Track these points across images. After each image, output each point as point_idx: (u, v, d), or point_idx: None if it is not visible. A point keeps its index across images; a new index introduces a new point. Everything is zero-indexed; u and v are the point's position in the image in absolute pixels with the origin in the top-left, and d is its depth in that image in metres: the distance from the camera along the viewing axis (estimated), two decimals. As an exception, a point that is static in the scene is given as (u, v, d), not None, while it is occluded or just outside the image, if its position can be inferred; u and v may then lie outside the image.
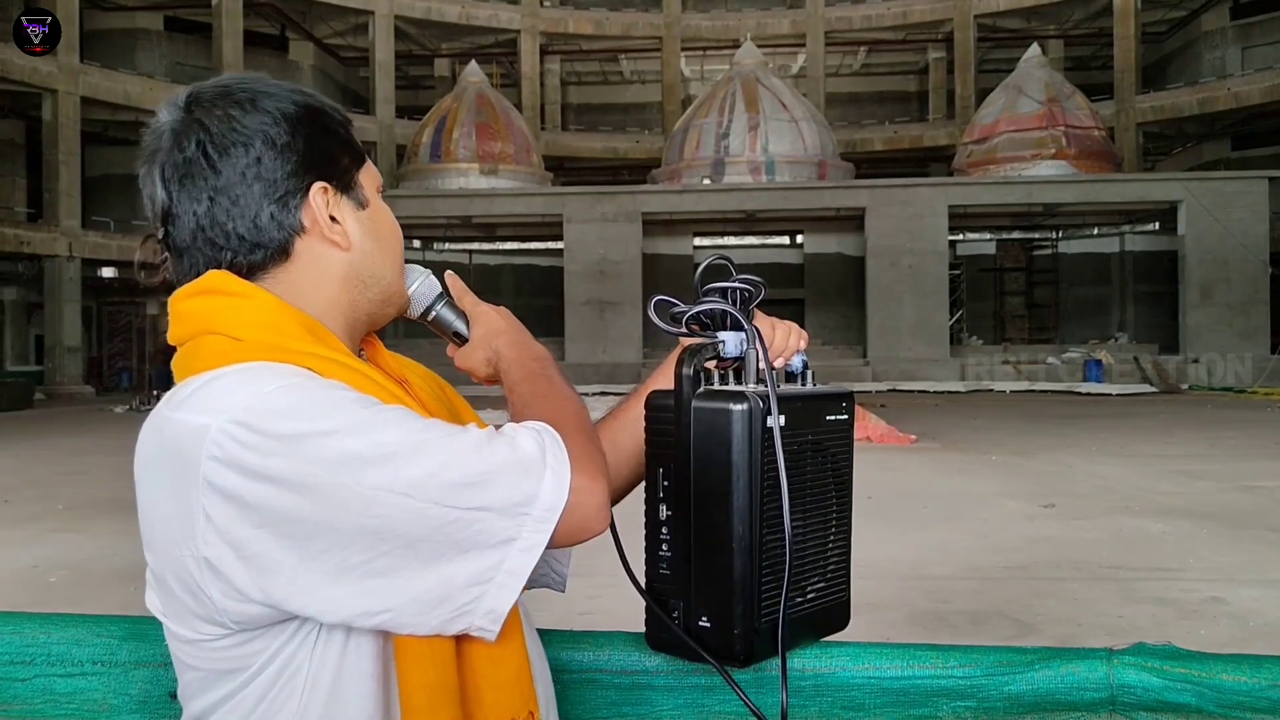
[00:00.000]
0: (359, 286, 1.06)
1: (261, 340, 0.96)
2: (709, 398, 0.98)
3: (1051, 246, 33.47)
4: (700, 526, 0.98)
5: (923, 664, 1.07)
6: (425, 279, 1.16)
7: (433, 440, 0.88)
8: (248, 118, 1.01)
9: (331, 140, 1.05)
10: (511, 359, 1.12)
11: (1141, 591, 5.85)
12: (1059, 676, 1.04)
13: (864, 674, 1.08)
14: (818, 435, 1.03)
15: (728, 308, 1.03)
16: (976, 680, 1.05)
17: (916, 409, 19.85)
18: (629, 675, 1.11)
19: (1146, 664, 1.02)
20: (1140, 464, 11.31)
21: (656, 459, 1.03)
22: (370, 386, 0.96)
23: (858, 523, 5.13)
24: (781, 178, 30.15)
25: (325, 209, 1.03)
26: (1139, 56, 33.97)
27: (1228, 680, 0.98)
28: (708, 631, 0.98)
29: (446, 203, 30.09)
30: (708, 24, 38.41)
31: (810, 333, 7.34)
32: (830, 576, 1.07)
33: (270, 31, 36.10)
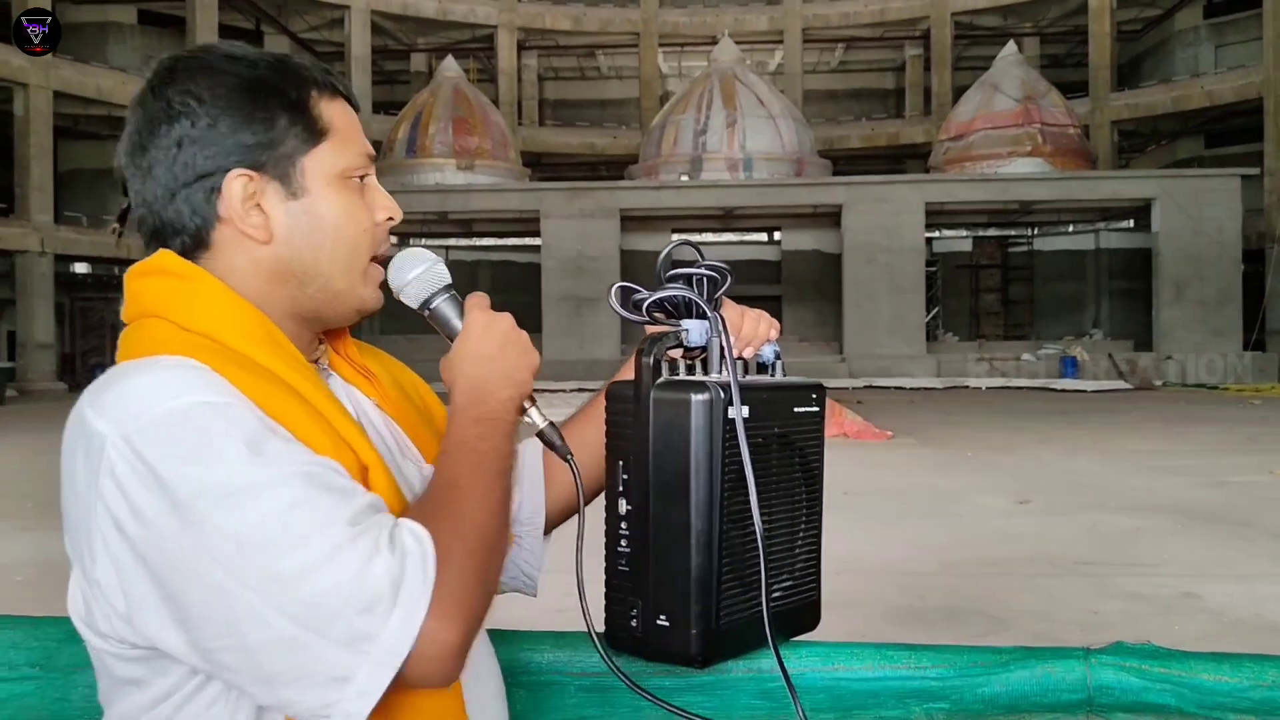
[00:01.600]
0: (293, 283, 0.99)
1: (202, 334, 0.92)
2: (668, 388, 0.94)
3: (1027, 243, 33.65)
4: (658, 522, 0.94)
5: (895, 664, 1.04)
6: (427, 269, 1.05)
7: (297, 534, 0.79)
8: (178, 96, 0.96)
9: (267, 123, 0.96)
10: (459, 406, 0.98)
11: (1116, 587, 5.86)
12: (1035, 677, 1.00)
13: (834, 674, 1.05)
14: (785, 428, 0.99)
15: (690, 294, 0.99)
16: (950, 681, 1.01)
17: (893, 405, 19.89)
18: (591, 676, 1.07)
19: (1125, 663, 0.99)
20: (1114, 460, 11.37)
21: (616, 451, 0.99)
22: (296, 410, 0.89)
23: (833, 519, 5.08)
24: (759, 174, 30.17)
25: (242, 199, 0.96)
26: (1114, 55, 34.19)
27: (1208, 680, 0.95)
28: (665, 631, 0.94)
29: (422, 198, 29.93)
30: (685, 20, 38.38)
31: (787, 329, 7.36)
32: (799, 575, 1.03)
33: (245, 25, 35.77)
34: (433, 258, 1.06)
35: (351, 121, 1.03)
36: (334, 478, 0.85)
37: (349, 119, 1.03)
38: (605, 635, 1.00)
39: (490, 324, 1.02)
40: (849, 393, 23.37)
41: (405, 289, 1.04)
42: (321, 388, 0.95)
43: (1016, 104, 29.87)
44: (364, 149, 1.03)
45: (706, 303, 0.99)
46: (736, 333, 1.05)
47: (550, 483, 1.18)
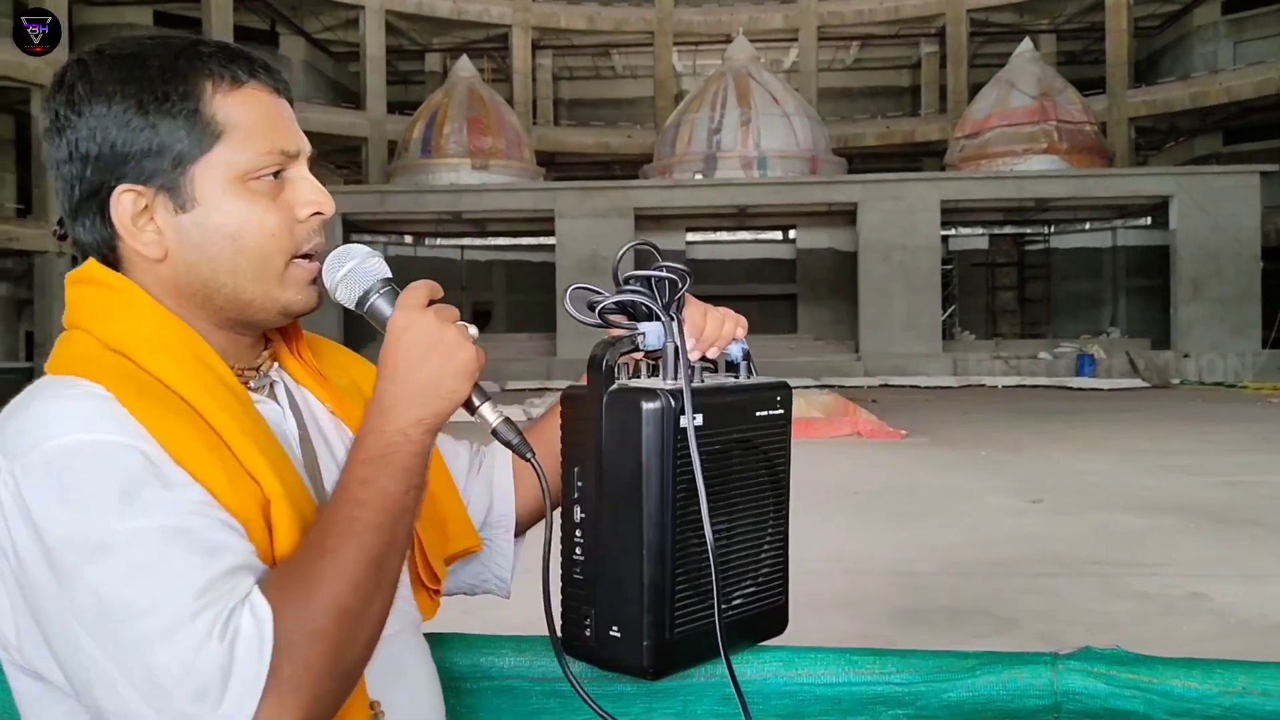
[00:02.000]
0: (199, 298, 0.95)
1: (120, 353, 0.90)
2: (620, 395, 0.92)
3: (1044, 241, 33.46)
4: (611, 531, 0.93)
5: (859, 669, 1.03)
6: (357, 265, 0.97)
7: (147, 601, 0.77)
8: (63, 108, 0.93)
9: (151, 132, 0.91)
10: (364, 431, 0.91)
11: (1123, 587, 5.82)
12: (1001, 683, 0.99)
13: (798, 680, 1.04)
14: (747, 432, 0.98)
15: (644, 297, 0.97)
16: (915, 687, 1.00)
17: (908, 404, 19.81)
18: (549, 682, 1.07)
19: (1093, 669, 0.98)
20: (1128, 459, 11.29)
21: (571, 458, 0.98)
22: (197, 445, 0.86)
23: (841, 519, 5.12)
24: (774, 173, 30.09)
25: (131, 215, 0.92)
26: (1131, 51, 33.96)
27: (1177, 686, 0.94)
28: (617, 642, 0.92)
29: (437, 198, 29.99)
30: (700, 19, 38.31)
31: (802, 328, 7.29)
32: (764, 580, 1.02)
33: (260, 26, 35.91)
34: (366, 251, 0.98)
35: (260, 113, 0.95)
36: (206, 532, 0.81)
37: (257, 111, 0.95)
38: (562, 642, 0.99)
39: (408, 326, 0.92)
40: (864, 391, 23.29)
41: (337, 289, 0.98)
42: (239, 412, 0.91)
43: (1033, 101, 29.70)
44: (273, 144, 0.95)
45: (665, 305, 0.97)
46: (698, 334, 1.02)
47: (521, 482, 1.17)
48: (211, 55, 0.95)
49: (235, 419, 0.90)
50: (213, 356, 0.94)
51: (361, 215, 30.42)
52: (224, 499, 0.85)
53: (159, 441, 0.84)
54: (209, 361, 0.93)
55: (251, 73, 0.95)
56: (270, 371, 1.04)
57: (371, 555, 0.85)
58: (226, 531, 0.83)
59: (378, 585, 0.85)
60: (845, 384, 25.17)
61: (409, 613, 1.04)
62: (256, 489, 0.88)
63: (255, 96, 0.95)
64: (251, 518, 0.87)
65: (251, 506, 0.87)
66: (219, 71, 0.94)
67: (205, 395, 0.89)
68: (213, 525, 0.82)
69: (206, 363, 0.93)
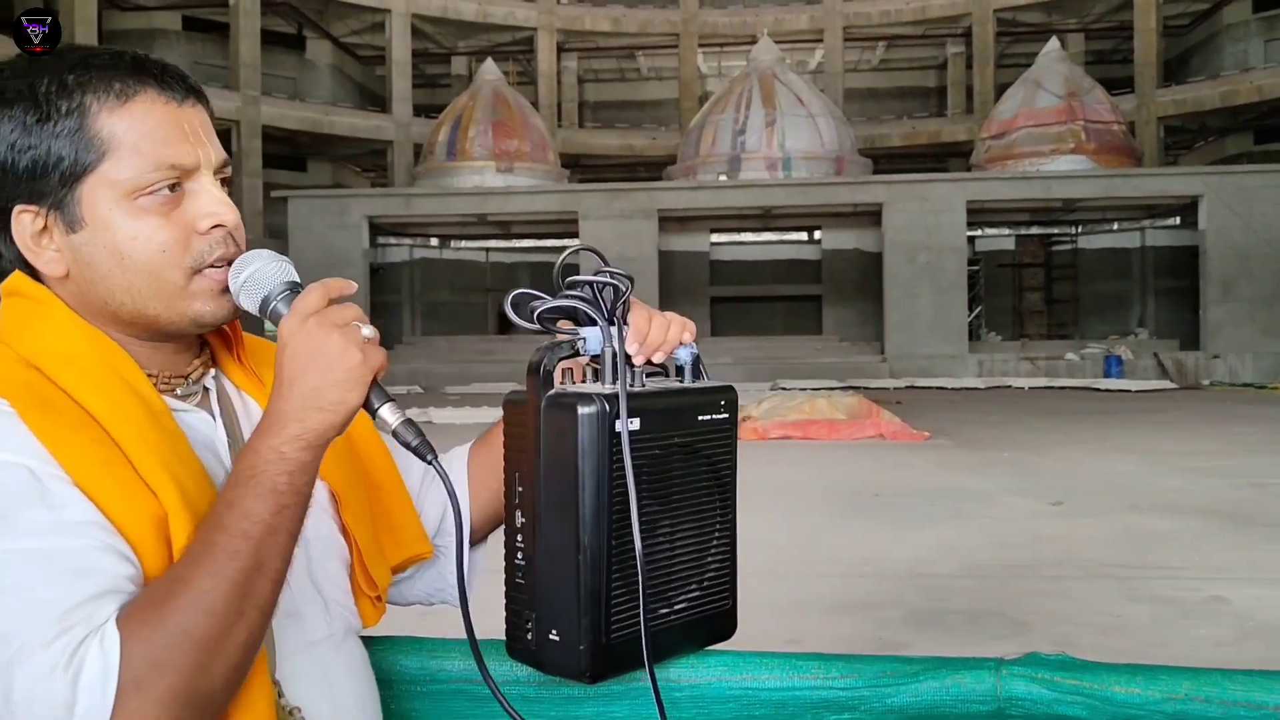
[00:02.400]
0: (106, 312, 0.95)
1: (32, 366, 0.90)
2: (557, 400, 0.93)
3: (1071, 242, 33.19)
4: (549, 536, 0.93)
5: (803, 674, 1.03)
6: (256, 269, 0.95)
7: (7, 627, 0.78)
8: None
9: (37, 152, 0.92)
10: (243, 449, 0.89)
11: (1142, 590, 5.77)
12: (945, 688, 0.99)
13: (742, 684, 1.04)
14: (689, 437, 0.98)
15: (583, 301, 0.98)
16: (859, 691, 1.00)
17: (932, 406, 19.71)
18: (500, 685, 1.07)
19: (1036, 675, 0.97)
20: (1152, 460, 11.18)
21: (512, 464, 0.98)
22: (93, 459, 0.85)
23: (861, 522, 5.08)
24: (799, 174, 30.01)
25: (31, 235, 0.94)
26: (1160, 50, 33.63)
27: (1120, 692, 0.93)
28: (556, 645, 0.93)
29: (462, 201, 30.12)
30: (725, 20, 38.28)
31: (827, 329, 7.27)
32: (708, 585, 1.02)
33: (288, 30, 36.22)
34: (269, 255, 0.96)
35: (148, 128, 0.94)
36: (77, 555, 0.81)
37: (145, 125, 0.94)
38: (506, 645, 1.00)
39: (292, 334, 0.89)
40: (889, 393, 23.18)
41: (240, 295, 0.96)
42: (145, 425, 0.91)
43: (1060, 101, 29.46)
44: (160, 159, 0.93)
45: (606, 310, 0.98)
46: (642, 339, 1.02)
47: (476, 491, 1.18)
48: (102, 69, 0.94)
49: (137, 432, 0.90)
50: (128, 367, 0.95)
51: (387, 218, 30.60)
52: (116, 515, 0.85)
53: (55, 457, 0.85)
54: (123, 373, 0.94)
55: (142, 85, 0.94)
56: (206, 379, 1.04)
57: (230, 582, 0.83)
58: (101, 554, 0.83)
59: (239, 612, 0.83)
60: (871, 385, 25.06)
61: (345, 618, 1.04)
62: (154, 502, 0.88)
63: (145, 110, 0.94)
64: (146, 533, 0.86)
65: (145, 521, 0.87)
66: (105, 86, 0.93)
67: (109, 408, 0.90)
68: (87, 547, 0.82)
69: (120, 374, 0.93)
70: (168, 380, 1.00)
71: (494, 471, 1.07)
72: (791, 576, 6.16)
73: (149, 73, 0.95)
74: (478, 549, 1.21)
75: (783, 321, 33.03)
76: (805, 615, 5.37)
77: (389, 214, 30.43)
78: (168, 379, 1.00)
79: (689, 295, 31.14)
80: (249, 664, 0.86)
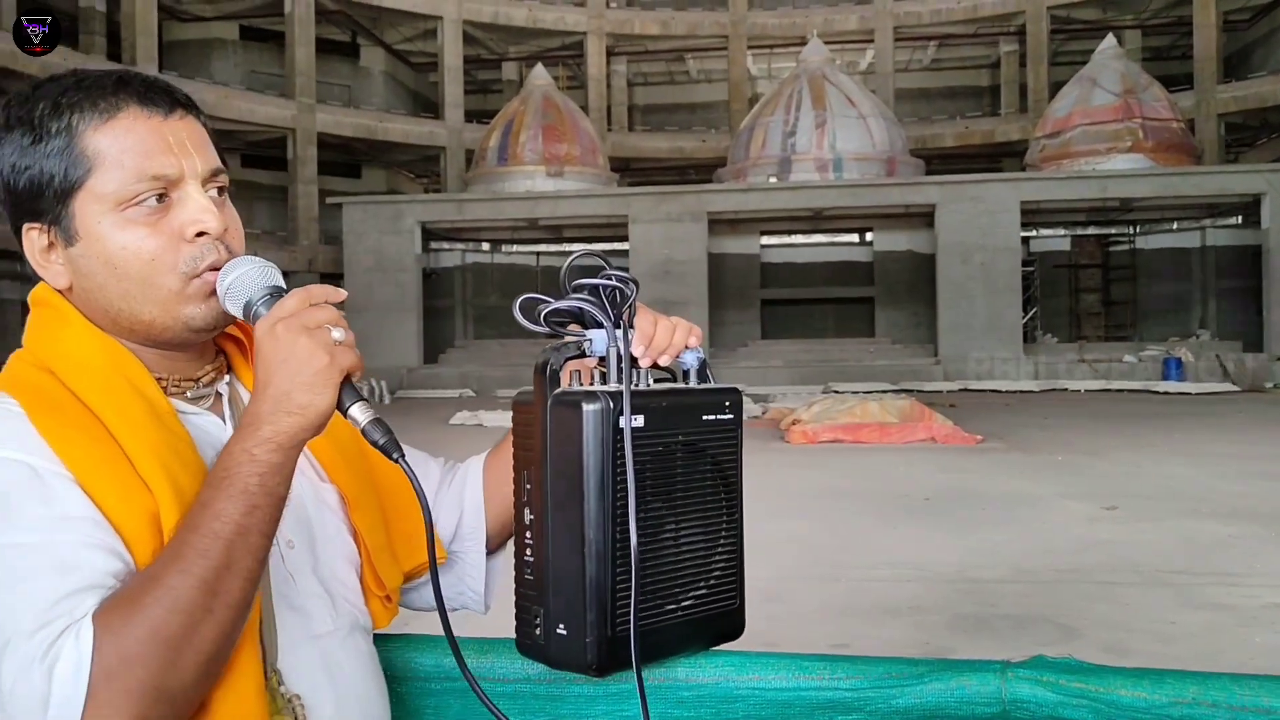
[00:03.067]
0: (108, 320, 1.01)
1: (47, 370, 0.97)
2: (563, 398, 0.95)
3: (1129, 242, 32.58)
4: (555, 531, 0.95)
5: (809, 675, 1.03)
6: (240, 275, 0.98)
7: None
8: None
9: (32, 172, 0.98)
10: (224, 451, 0.91)
11: (1199, 597, 5.66)
12: (949, 690, 0.98)
13: (748, 685, 1.04)
14: (692, 436, 0.99)
15: (588, 303, 0.99)
16: (864, 692, 1.00)
17: (987, 409, 19.47)
18: (511, 683, 1.09)
19: (1041, 678, 0.97)
20: (1213, 464, 10.95)
21: (521, 462, 1.01)
22: (94, 457, 0.91)
23: (911, 525, 5.08)
24: (849, 175, 29.79)
25: (40, 250, 1.00)
26: (1220, 45, 32.91)
27: (1125, 696, 0.92)
28: (564, 639, 0.95)
29: (513, 205, 30.31)
30: (774, 22, 38.14)
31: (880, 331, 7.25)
32: (715, 584, 1.03)
33: (342, 38, 36.73)
34: (255, 261, 0.99)
35: (131, 142, 0.98)
36: (66, 549, 0.85)
37: (128, 140, 0.98)
38: (516, 642, 1.02)
39: (263, 338, 0.93)
40: (943, 396, 22.93)
41: (226, 301, 0.99)
42: (147, 426, 0.95)
43: (1116, 99, 28.94)
44: (143, 171, 0.97)
45: (611, 312, 1.00)
46: (647, 342, 1.04)
47: (491, 496, 1.20)
48: (89, 89, 0.99)
49: (137, 431, 0.94)
50: (136, 371, 1.00)
51: (440, 223, 30.88)
52: (112, 510, 0.90)
53: (58, 455, 0.90)
54: (130, 376, 0.99)
55: (124, 102, 0.98)
56: (219, 384, 1.09)
57: (199, 580, 0.85)
58: (90, 550, 0.87)
59: (208, 609, 0.85)
60: (924, 388, 24.82)
61: (352, 615, 1.07)
62: (149, 498, 0.92)
63: (127, 126, 0.98)
64: (140, 528, 0.91)
65: (140, 516, 0.91)
66: (91, 105, 0.98)
67: (113, 409, 0.95)
68: (77, 543, 0.86)
69: (128, 377, 0.98)
70: (178, 383, 1.05)
71: (507, 479, 1.09)
72: (840, 580, 6.13)
73: (132, 90, 0.99)
74: (496, 556, 1.23)
75: (834, 324, 32.82)
76: (852, 619, 5.34)
77: (441, 219, 30.71)
78: (177, 382, 1.05)
79: (739, 298, 31.06)
80: (221, 659, 0.88)
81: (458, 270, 33.42)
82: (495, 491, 1.20)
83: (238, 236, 1.04)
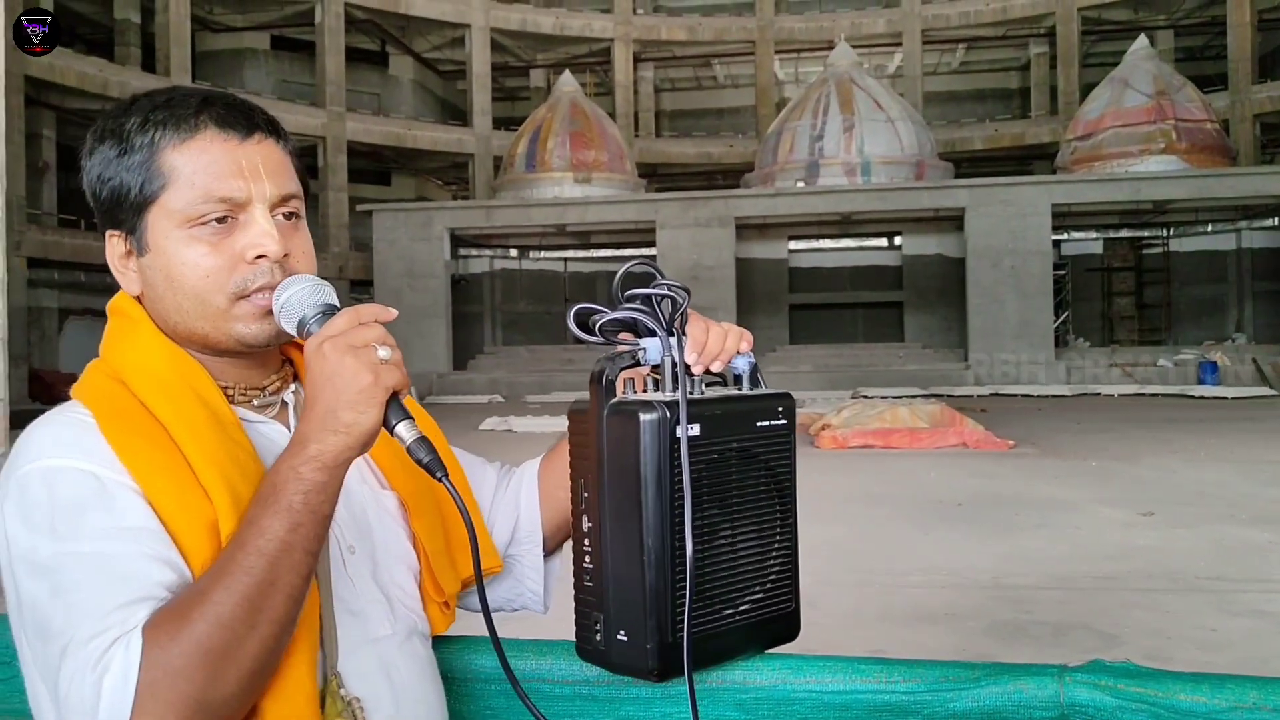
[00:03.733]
0: (170, 330, 1.04)
1: (119, 380, 1.01)
2: (619, 407, 0.96)
3: (1162, 244, 32.26)
4: (614, 539, 0.97)
5: (866, 678, 1.04)
6: (293, 293, 1.00)
7: (59, 623, 0.86)
8: (83, 157, 1.06)
9: (116, 183, 1.02)
10: (272, 469, 0.93)
11: (1239, 604, 5.60)
12: (1006, 694, 0.99)
13: (806, 687, 1.05)
14: (746, 441, 1.01)
15: (642, 313, 1.01)
16: (920, 696, 1.01)
17: (1018, 413, 19.32)
18: (570, 685, 1.10)
19: (1100, 682, 0.97)
20: (1250, 469, 10.82)
21: (578, 470, 1.02)
22: (158, 465, 0.94)
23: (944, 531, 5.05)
24: (878, 179, 29.69)
25: (119, 256, 1.05)
26: (1255, 45, 32.54)
27: (1185, 700, 0.92)
28: (625, 645, 0.96)
29: (541, 212, 30.42)
30: (801, 26, 38.08)
31: (909, 335, 7.22)
32: (771, 587, 1.04)
33: (371, 47, 37.01)
34: (309, 280, 1.01)
35: (204, 163, 1.01)
36: (126, 560, 0.88)
37: (202, 160, 1.01)
38: (576, 646, 1.03)
39: (311, 357, 0.94)
40: (973, 400, 22.79)
41: (281, 318, 1.01)
42: (209, 434, 0.98)
43: (1149, 100, 28.67)
44: (210, 192, 1.01)
45: (665, 322, 1.01)
46: (700, 349, 1.05)
47: (546, 502, 1.21)
48: (174, 107, 1.03)
49: (200, 440, 0.97)
50: (202, 380, 1.03)
51: (469, 230, 31.04)
52: (172, 519, 0.93)
53: (124, 464, 0.94)
54: (197, 385, 1.02)
55: (203, 124, 1.01)
56: (285, 393, 1.11)
57: (242, 596, 0.86)
58: (148, 561, 0.90)
59: (251, 625, 0.87)
60: (954, 393, 24.66)
61: (410, 620, 1.10)
62: (209, 506, 0.95)
63: (203, 146, 1.01)
64: (198, 535, 0.94)
65: (198, 523, 0.94)
66: (174, 124, 1.01)
67: (177, 418, 0.98)
68: (135, 554, 0.89)
69: (194, 386, 1.02)
70: (244, 392, 1.08)
71: (562, 482, 1.11)
72: (873, 586, 6.10)
73: (213, 111, 1.03)
74: (554, 558, 1.25)
75: (863, 329, 32.70)
76: (888, 625, 5.32)
77: (470, 226, 30.87)
78: (244, 390, 1.08)
79: (767, 303, 30.99)
80: (266, 674, 0.90)
81: (486, 276, 33.57)
82: (550, 495, 1.22)
83: (305, 259, 1.06)
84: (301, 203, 1.08)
